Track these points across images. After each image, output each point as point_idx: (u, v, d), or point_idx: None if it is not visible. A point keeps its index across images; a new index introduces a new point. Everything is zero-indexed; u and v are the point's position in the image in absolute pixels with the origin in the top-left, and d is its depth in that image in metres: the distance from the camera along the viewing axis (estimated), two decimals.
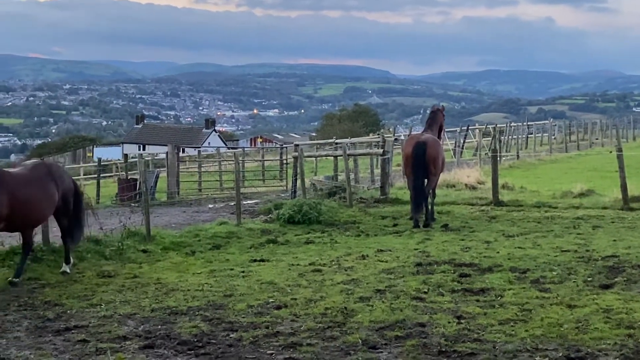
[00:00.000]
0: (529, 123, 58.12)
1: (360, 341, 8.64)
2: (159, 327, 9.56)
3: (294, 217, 19.06)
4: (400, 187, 25.49)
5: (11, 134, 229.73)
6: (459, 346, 8.36)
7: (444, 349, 8.28)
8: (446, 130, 35.73)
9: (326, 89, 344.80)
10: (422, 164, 18.65)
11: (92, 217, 16.03)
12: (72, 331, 9.43)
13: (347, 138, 52.02)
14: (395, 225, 18.88)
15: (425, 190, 18.83)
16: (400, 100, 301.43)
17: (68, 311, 10.52)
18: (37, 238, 14.30)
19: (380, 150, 25.35)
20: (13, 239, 14.27)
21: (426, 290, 11.08)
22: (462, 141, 41.07)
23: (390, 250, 14.84)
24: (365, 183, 28.02)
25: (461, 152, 38.50)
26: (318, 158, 37.15)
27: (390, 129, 62.23)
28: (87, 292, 11.80)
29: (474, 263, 13.10)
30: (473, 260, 13.41)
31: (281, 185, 32.60)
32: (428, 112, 21.41)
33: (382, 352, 8.30)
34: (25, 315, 10.36)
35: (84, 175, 51.38)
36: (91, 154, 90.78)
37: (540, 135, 56.07)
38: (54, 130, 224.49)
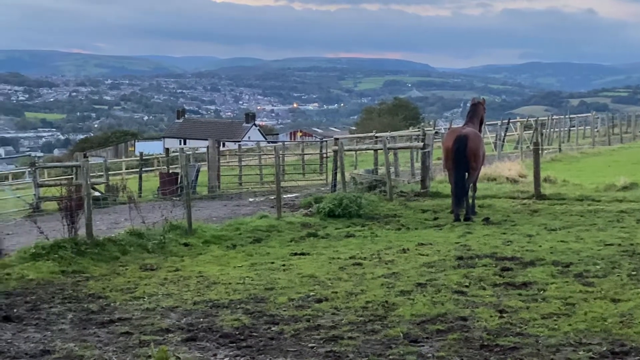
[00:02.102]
0: (571, 116, 57.64)
1: (401, 335, 8.63)
2: (201, 319, 9.62)
3: (334, 211, 19.07)
4: (440, 180, 25.39)
5: (54, 129, 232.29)
6: (501, 340, 8.32)
7: (486, 343, 8.24)
8: (487, 123, 35.54)
9: (366, 83, 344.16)
10: (463, 158, 18.56)
11: (134, 210, 16.20)
12: (116, 324, 9.53)
13: (387, 132, 51.92)
14: (435, 218, 18.82)
15: (466, 183, 18.75)
16: (440, 93, 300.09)
17: (112, 304, 10.64)
18: (81, 231, 14.49)
19: (421, 144, 25.27)
20: (57, 232, 14.45)
21: (467, 284, 11.04)
22: (503, 134, 40.79)
23: (431, 244, 14.80)
24: (405, 177, 27.96)
25: (502, 146, 38.25)
26: (358, 152, 37.12)
27: (431, 123, 61.98)
28: (130, 285, 11.92)
29: (516, 257, 13.02)
30: (515, 254, 13.32)
31: (321, 179, 32.63)
32: (468, 105, 21.30)
33: (423, 345, 8.28)
34: (69, 307, 10.48)
35: (126, 169, 51.81)
36: (133, 149, 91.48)
37: (582, 128, 55.52)
38: (96, 125, 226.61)
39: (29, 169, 30.67)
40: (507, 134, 43.64)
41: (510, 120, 47.93)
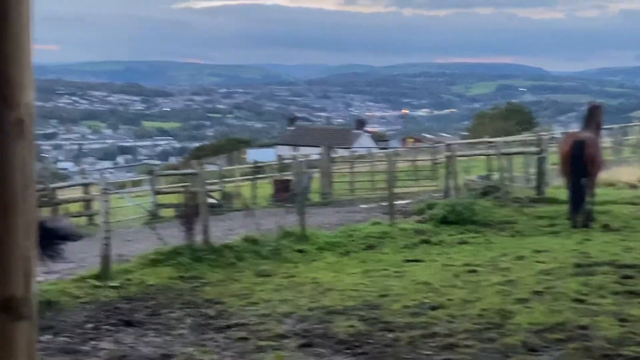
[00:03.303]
0: None
1: (519, 343, 8.49)
2: (317, 326, 9.68)
3: (448, 217, 18.90)
4: (557, 186, 24.86)
5: (170, 137, 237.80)
6: (623, 350, 8.08)
7: (607, 353, 8.02)
8: (604, 127, 34.61)
9: (477, 88, 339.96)
10: (581, 163, 18.14)
11: (249, 217, 16.45)
12: (233, 329, 9.68)
13: (500, 137, 51.17)
14: (552, 225, 18.44)
15: (584, 189, 18.33)
16: (554, 97, 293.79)
17: (228, 309, 10.81)
18: (198, 238, 14.80)
19: (536, 149, 24.84)
20: (175, 239, 14.79)
21: (587, 292, 10.76)
22: (621, 139, 39.68)
23: (547, 251, 14.50)
24: (520, 182, 27.50)
25: (621, 150, 37.21)
26: (471, 157, 36.71)
27: (545, 127, 60.86)
28: (246, 290, 12.09)
29: (636, 264, 12.62)
30: (636, 261, 12.92)
31: (433, 185, 32.40)
32: (585, 109, 20.81)
33: (542, 354, 8.13)
34: (188, 313, 10.71)
35: (239, 176, 52.57)
36: (246, 156, 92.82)
37: None
38: (210, 133, 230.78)
39: (148, 177, 31.51)
40: (626, 138, 42.43)
41: (629, 124, 46.61)
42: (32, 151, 2.41)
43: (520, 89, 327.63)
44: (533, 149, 25.81)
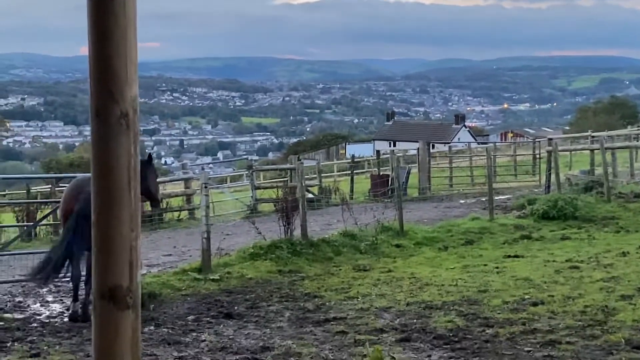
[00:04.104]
0: None
1: (623, 341, 8.29)
2: (415, 320, 9.65)
3: (549, 213, 18.60)
4: None
5: (269, 133, 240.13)
6: None
7: None
8: None
9: (580, 81, 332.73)
10: None
11: (347, 212, 16.49)
12: (331, 322, 9.73)
13: (604, 131, 50.00)
14: None
15: None
16: None
17: (327, 303, 10.88)
18: (296, 232, 14.94)
19: None
20: (273, 233, 14.93)
21: None
22: None
23: None
24: (624, 177, 26.83)
25: None
26: (573, 152, 36.02)
27: None
28: (344, 285, 12.14)
29: None
30: None
31: (534, 180, 31.88)
32: None
33: None
34: (287, 306, 10.82)
35: (337, 171, 52.73)
36: (344, 151, 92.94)
37: None
38: (308, 129, 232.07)
39: (247, 172, 31.86)
40: None
41: None
42: (136, 144, 2.47)
43: (625, 82, 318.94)
44: (638, 143, 25.12)
